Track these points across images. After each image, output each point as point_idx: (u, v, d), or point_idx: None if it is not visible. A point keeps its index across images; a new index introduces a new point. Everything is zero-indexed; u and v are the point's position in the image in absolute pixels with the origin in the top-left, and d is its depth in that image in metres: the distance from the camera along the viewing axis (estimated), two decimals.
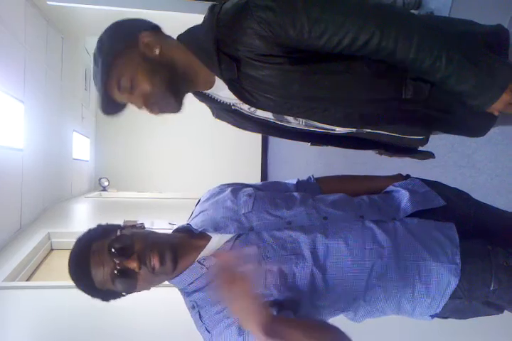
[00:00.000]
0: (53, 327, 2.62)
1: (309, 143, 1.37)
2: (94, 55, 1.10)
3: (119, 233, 1.09)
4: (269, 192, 1.23)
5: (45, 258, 4.15)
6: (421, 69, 1.00)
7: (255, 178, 9.70)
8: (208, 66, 1.07)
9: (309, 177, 1.36)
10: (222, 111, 1.28)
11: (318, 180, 1.36)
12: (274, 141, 9.37)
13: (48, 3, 4.74)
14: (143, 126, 9.47)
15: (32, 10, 4.96)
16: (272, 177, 9.46)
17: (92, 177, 9.26)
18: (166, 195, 8.23)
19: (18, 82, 4.50)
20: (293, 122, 1.21)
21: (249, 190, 1.22)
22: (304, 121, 1.20)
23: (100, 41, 1.10)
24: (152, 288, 1.12)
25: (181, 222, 1.24)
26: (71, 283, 1.08)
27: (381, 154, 1.38)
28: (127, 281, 1.04)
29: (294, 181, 1.34)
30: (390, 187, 1.26)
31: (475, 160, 2.71)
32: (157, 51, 1.07)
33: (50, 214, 5.41)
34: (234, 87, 1.08)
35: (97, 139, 9.43)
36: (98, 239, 1.08)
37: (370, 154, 1.43)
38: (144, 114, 1.13)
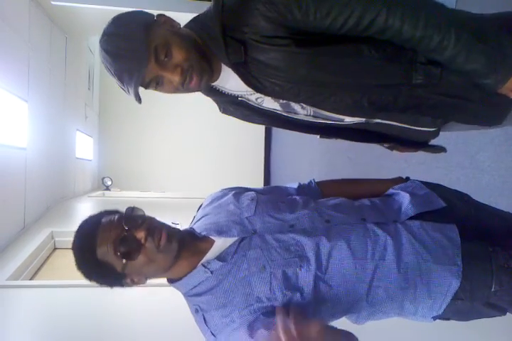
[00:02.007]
0: (56, 326, 2.63)
1: (318, 136, 1.35)
2: (115, 42, 1.04)
3: (132, 209, 1.11)
4: (271, 196, 1.23)
5: (48, 257, 4.17)
6: (429, 47, 0.97)
7: (258, 178, 9.70)
8: (215, 51, 1.06)
9: (310, 182, 1.36)
10: (228, 104, 1.27)
11: (319, 184, 1.36)
12: (278, 141, 9.37)
13: (52, 3, 4.76)
14: (146, 125, 9.49)
15: (36, 10, 4.97)
16: (275, 176, 9.47)
17: (95, 177, 9.28)
18: (169, 194, 8.24)
19: (22, 81, 4.51)
20: (301, 113, 1.19)
21: (252, 193, 1.22)
22: (312, 110, 1.18)
23: (120, 25, 1.06)
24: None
25: (184, 221, 1.25)
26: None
27: (392, 149, 1.36)
28: (130, 250, 1.03)
29: (295, 185, 1.33)
30: (390, 190, 1.26)
31: (478, 161, 2.70)
32: (178, 26, 1.09)
33: (53, 213, 5.43)
34: (240, 71, 1.06)
35: (100, 138, 9.45)
36: (111, 213, 1.12)
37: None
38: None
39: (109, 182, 9.09)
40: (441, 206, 1.16)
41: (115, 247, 1.03)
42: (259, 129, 9.91)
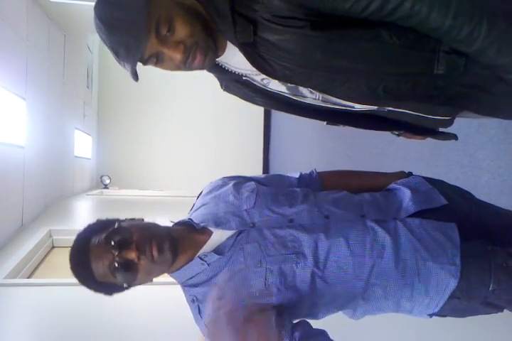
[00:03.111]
0: (54, 325, 2.62)
1: (325, 122, 1.29)
2: (111, 12, 0.94)
3: (116, 225, 1.08)
4: (271, 188, 1.21)
5: (46, 255, 4.16)
6: (457, 38, 0.89)
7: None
8: (221, 28, 0.98)
9: (312, 172, 1.34)
10: (231, 82, 1.20)
11: (321, 174, 1.34)
12: (277, 140, 9.37)
13: (51, 0, 4.75)
14: (145, 124, 9.48)
15: (34, 7, 4.96)
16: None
17: (94, 175, 9.27)
18: (168, 192, 8.24)
19: (20, 79, 4.50)
20: (309, 96, 1.13)
21: (252, 184, 1.20)
22: (320, 95, 1.11)
23: None
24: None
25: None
26: (72, 280, 1.08)
27: (399, 136, 1.32)
28: (127, 273, 1.03)
29: (297, 175, 1.32)
30: (392, 185, 1.24)
31: (477, 160, 2.70)
32: None
33: (51, 211, 5.42)
34: (248, 52, 0.98)
35: (99, 137, 9.44)
36: (97, 232, 1.07)
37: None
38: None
39: (108, 181, 9.08)
40: (443, 203, 1.15)
41: (112, 273, 1.03)
42: (258, 128, 9.91)
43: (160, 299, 2.68)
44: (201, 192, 1.29)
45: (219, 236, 1.10)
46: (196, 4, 1.00)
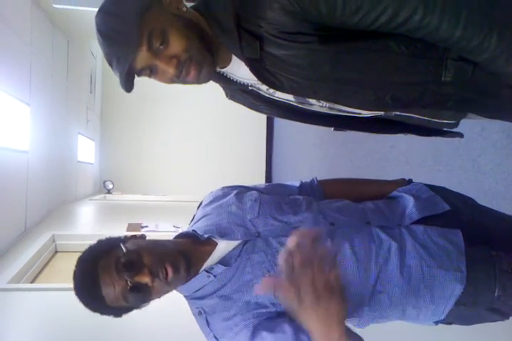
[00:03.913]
0: (57, 329, 2.62)
1: (332, 129, 1.29)
2: (107, 22, 0.94)
3: (123, 248, 1.04)
4: (274, 196, 1.20)
5: (49, 260, 4.17)
6: (466, 48, 0.88)
7: (259, 183, 9.68)
8: (226, 43, 0.97)
9: (313, 180, 1.34)
10: (236, 91, 1.20)
11: (322, 182, 1.34)
12: (279, 146, 9.37)
13: (54, 6, 4.78)
14: (148, 129, 9.50)
15: (38, 13, 4.99)
16: (276, 181, 9.46)
17: (97, 180, 9.29)
18: (170, 197, 8.25)
19: (24, 84, 4.53)
20: (315, 105, 1.13)
21: (254, 193, 1.19)
22: (327, 103, 1.11)
23: (117, 2, 0.94)
24: None
25: (185, 224, 1.24)
26: None
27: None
28: (141, 296, 1.02)
29: (297, 183, 1.31)
30: (394, 193, 1.24)
31: (480, 164, 2.70)
32: (183, 8, 0.98)
33: (54, 216, 5.43)
34: (255, 67, 0.98)
35: (102, 142, 9.46)
36: (102, 256, 1.04)
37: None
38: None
39: (111, 186, 9.10)
40: (445, 209, 1.15)
41: (125, 298, 1.01)
42: (261, 134, 9.92)
43: (161, 302, 2.67)
44: (201, 203, 1.27)
45: (224, 246, 1.09)
46: (198, 17, 0.99)
